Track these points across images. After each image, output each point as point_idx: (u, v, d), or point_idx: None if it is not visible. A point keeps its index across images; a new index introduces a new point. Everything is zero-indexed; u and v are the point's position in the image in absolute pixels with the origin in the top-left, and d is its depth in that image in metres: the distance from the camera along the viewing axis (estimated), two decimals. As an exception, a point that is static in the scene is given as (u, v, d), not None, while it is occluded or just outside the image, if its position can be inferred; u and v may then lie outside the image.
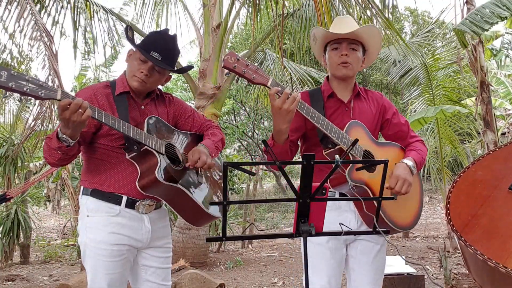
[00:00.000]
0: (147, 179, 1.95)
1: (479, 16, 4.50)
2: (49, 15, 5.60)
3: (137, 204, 2.03)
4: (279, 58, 6.42)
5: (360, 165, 1.96)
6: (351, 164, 1.96)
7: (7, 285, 5.61)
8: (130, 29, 2.09)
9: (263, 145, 2.05)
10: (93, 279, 2.00)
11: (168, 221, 2.25)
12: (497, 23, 4.55)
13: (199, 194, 2.13)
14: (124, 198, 2.00)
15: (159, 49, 2.00)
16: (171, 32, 2.15)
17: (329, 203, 2.06)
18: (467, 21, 4.53)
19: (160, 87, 2.23)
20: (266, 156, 2.08)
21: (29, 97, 1.66)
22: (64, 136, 1.75)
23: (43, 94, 1.63)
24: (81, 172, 2.19)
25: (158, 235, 2.12)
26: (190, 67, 2.40)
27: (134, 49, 2.06)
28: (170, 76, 2.20)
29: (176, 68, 2.15)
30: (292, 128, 2.10)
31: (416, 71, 7.39)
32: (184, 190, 2.03)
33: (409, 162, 2.13)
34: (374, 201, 1.94)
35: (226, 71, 1.86)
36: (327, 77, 2.28)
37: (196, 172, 2.17)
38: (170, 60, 2.06)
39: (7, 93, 1.62)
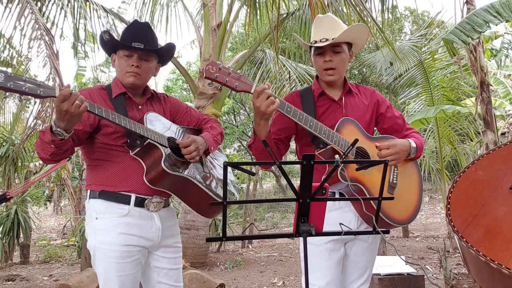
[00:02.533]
0: (154, 172, 1.95)
1: (469, 25, 4.51)
2: (47, 19, 5.60)
3: (146, 202, 2.02)
4: (278, 58, 6.41)
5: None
6: (341, 165, 1.94)
7: (7, 285, 5.61)
8: (105, 32, 2.11)
9: (253, 137, 2.06)
10: (105, 283, 1.98)
11: (176, 220, 2.24)
12: (488, 29, 4.58)
13: (206, 183, 2.13)
14: (133, 197, 2.00)
15: (138, 38, 2.04)
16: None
17: (330, 203, 2.07)
18: (457, 30, 4.56)
19: (157, 87, 2.23)
20: (250, 149, 2.11)
21: (29, 96, 1.68)
22: (58, 129, 1.75)
23: (41, 92, 1.65)
24: (85, 177, 2.18)
25: (168, 234, 2.12)
26: (171, 44, 2.23)
27: (116, 52, 2.09)
28: (159, 65, 2.21)
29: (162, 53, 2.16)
30: (281, 127, 2.12)
31: (412, 72, 7.39)
32: (192, 180, 2.03)
33: (413, 143, 2.14)
34: (372, 202, 1.95)
35: (209, 81, 1.85)
36: (317, 75, 2.27)
37: (201, 163, 2.17)
38: (152, 44, 2.09)
39: (6, 94, 1.65)
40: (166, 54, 2.22)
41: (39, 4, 5.55)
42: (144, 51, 2.06)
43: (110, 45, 2.10)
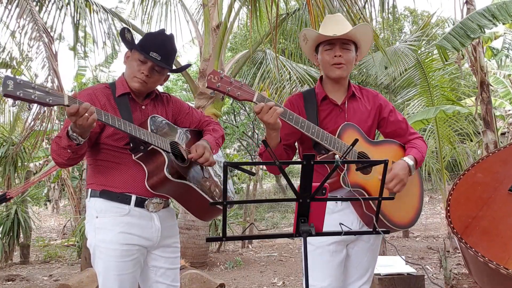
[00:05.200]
0: (156, 178, 1.96)
1: (462, 30, 4.52)
2: (47, 20, 5.59)
3: (146, 202, 2.03)
4: (278, 59, 6.41)
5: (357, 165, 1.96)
6: (344, 169, 1.94)
7: (7, 285, 5.61)
8: (127, 31, 2.09)
9: (262, 145, 2.06)
10: (105, 281, 1.99)
11: (176, 220, 2.25)
12: (482, 34, 4.60)
13: (206, 188, 2.14)
14: (133, 197, 2.00)
15: (157, 49, 2.02)
16: (169, 32, 2.17)
17: (331, 205, 2.07)
18: (450, 35, 4.58)
19: (159, 87, 2.24)
20: (261, 159, 2.12)
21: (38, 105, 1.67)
22: (74, 134, 1.77)
23: (51, 101, 1.65)
24: (86, 176, 2.19)
25: (167, 234, 2.12)
26: (188, 65, 2.40)
27: (131, 51, 2.07)
28: (168, 75, 2.21)
29: (173, 68, 2.17)
30: (286, 133, 2.10)
31: (410, 72, 7.38)
32: (192, 186, 2.04)
33: (410, 161, 2.10)
34: (371, 202, 1.95)
35: (211, 90, 1.84)
36: (321, 77, 2.26)
37: (201, 167, 2.17)
38: (169, 59, 2.08)
39: (16, 102, 1.62)
40: (179, 70, 2.25)
41: (38, 4, 5.55)
42: (157, 63, 2.03)
43: (129, 43, 2.08)
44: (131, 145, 1.98)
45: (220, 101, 6.07)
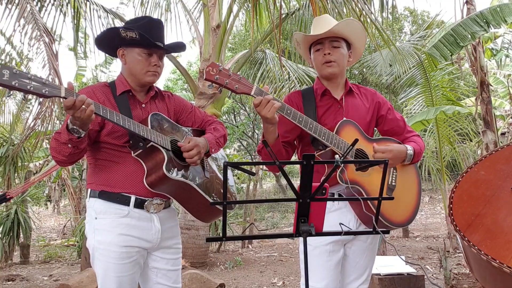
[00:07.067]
0: (154, 176, 1.93)
1: (453, 37, 4.53)
2: (47, 20, 5.59)
3: (146, 203, 2.01)
4: (278, 59, 6.42)
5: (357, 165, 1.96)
6: (341, 166, 1.94)
7: (7, 285, 5.61)
8: (125, 30, 1.99)
9: (263, 145, 2.05)
10: (103, 282, 1.98)
11: (177, 221, 2.22)
12: (472, 42, 4.62)
13: (206, 188, 2.12)
14: (133, 198, 1.98)
15: (157, 37, 2.01)
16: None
17: (328, 205, 2.07)
18: (440, 43, 4.59)
19: (161, 87, 2.23)
20: (259, 156, 2.12)
21: (33, 95, 1.66)
22: (74, 127, 1.74)
23: (47, 92, 1.63)
24: (87, 175, 2.17)
25: (167, 235, 2.10)
26: (180, 44, 2.25)
27: (126, 48, 2.03)
28: None
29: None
30: (286, 129, 2.11)
31: (412, 72, 7.39)
32: (192, 185, 2.02)
33: (410, 151, 2.13)
34: (369, 202, 1.95)
35: (209, 83, 1.84)
36: (318, 78, 2.27)
37: (202, 166, 2.15)
38: (164, 42, 2.08)
39: (11, 92, 1.61)
40: (173, 51, 2.25)
41: (39, 4, 5.55)
42: (162, 50, 2.04)
43: (125, 41, 2.01)
44: (131, 141, 1.96)
45: (218, 92, 6.06)
